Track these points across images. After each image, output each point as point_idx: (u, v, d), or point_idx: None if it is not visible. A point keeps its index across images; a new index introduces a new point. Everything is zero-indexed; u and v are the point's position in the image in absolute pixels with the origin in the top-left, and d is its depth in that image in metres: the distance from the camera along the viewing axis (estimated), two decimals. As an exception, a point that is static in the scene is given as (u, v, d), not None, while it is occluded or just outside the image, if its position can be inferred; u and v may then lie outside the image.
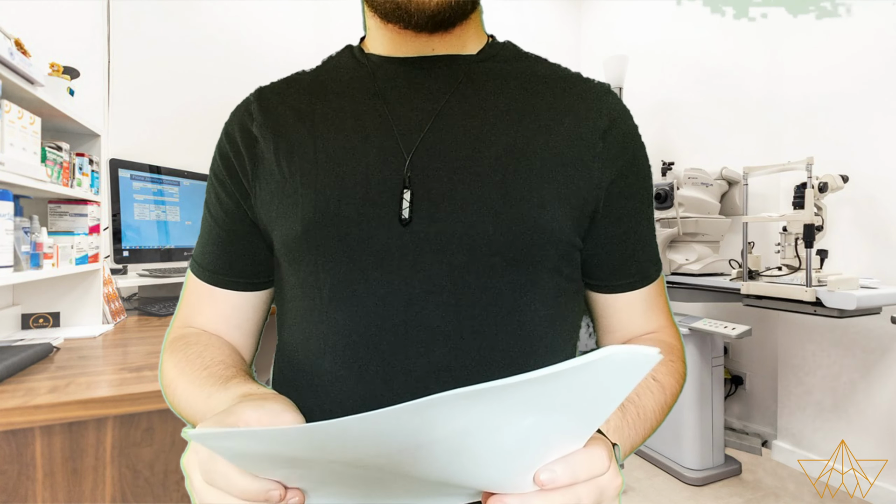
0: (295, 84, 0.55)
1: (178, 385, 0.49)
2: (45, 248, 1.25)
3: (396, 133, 0.48)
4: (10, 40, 1.09)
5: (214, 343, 0.52)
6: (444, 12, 0.46)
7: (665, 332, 0.56)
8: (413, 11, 0.46)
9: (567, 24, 3.60)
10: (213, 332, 0.56)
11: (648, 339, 0.54)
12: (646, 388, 0.48)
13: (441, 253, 0.46)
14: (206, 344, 0.51)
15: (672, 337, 0.56)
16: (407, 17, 0.46)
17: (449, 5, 0.46)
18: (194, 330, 0.55)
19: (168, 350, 0.53)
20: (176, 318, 0.58)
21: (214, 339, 0.53)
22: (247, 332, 0.57)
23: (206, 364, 0.48)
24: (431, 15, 0.46)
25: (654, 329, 0.55)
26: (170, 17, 2.35)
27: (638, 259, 0.54)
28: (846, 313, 1.74)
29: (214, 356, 0.49)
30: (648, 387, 0.48)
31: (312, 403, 0.49)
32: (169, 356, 0.52)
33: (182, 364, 0.49)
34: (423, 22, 0.47)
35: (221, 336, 0.56)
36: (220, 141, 0.54)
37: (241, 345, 0.57)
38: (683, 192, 2.41)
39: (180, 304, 0.58)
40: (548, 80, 0.52)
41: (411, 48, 0.51)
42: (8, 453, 0.88)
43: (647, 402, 0.47)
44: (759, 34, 2.52)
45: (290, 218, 0.48)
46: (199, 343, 0.51)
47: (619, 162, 0.51)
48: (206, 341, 0.52)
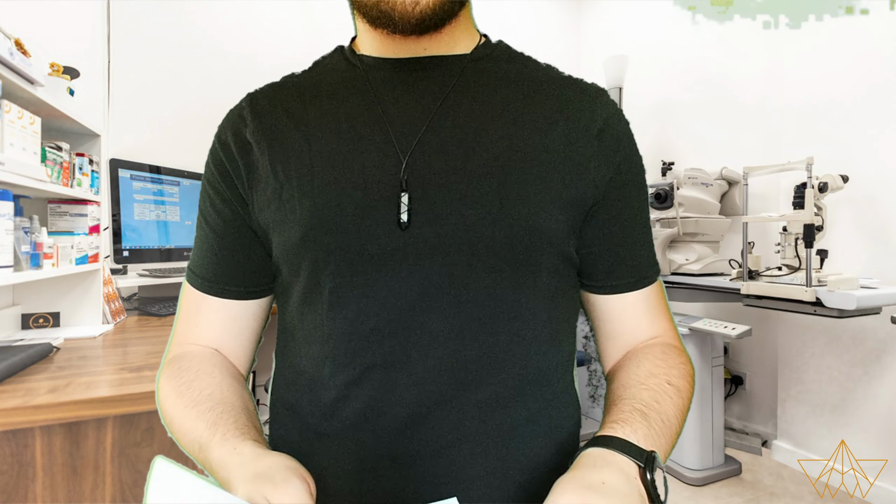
0: (286, 88, 0.54)
1: (173, 420, 0.49)
2: (45, 248, 1.25)
3: (392, 135, 0.48)
4: (10, 40, 1.09)
5: (206, 369, 0.51)
6: (429, 18, 0.46)
7: (668, 336, 0.55)
8: (397, 19, 0.46)
9: (567, 24, 3.60)
10: (209, 347, 0.55)
11: (653, 345, 0.53)
12: (664, 393, 0.47)
13: (440, 255, 0.46)
14: (197, 370, 0.50)
15: (676, 340, 0.55)
16: (392, 23, 0.46)
17: (433, 11, 0.46)
18: (190, 349, 0.54)
19: (165, 373, 0.52)
20: (174, 333, 0.57)
21: (207, 364, 0.52)
22: (245, 342, 0.56)
23: (196, 400, 0.47)
24: (417, 21, 0.46)
25: (657, 333, 0.55)
26: (169, 17, 2.35)
27: (635, 258, 0.54)
28: (846, 313, 1.74)
29: (203, 388, 0.48)
30: (666, 392, 0.47)
31: (313, 407, 0.50)
32: (165, 381, 0.51)
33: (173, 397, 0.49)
34: (408, 28, 0.47)
35: (219, 348, 0.55)
36: (213, 148, 0.54)
37: (239, 354, 0.56)
38: (683, 192, 2.41)
39: (177, 318, 0.57)
40: (542, 81, 0.52)
41: (402, 50, 0.51)
42: (8, 453, 0.88)
43: (668, 407, 0.46)
44: (760, 34, 2.52)
45: (288, 224, 0.48)
46: (190, 370, 0.51)
47: (614, 162, 0.51)
48: (199, 366, 0.51)
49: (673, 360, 0.51)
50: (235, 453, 0.41)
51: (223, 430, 0.44)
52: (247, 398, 0.51)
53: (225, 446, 0.42)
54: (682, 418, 0.48)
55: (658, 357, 0.51)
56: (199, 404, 0.47)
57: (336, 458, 0.48)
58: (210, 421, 0.45)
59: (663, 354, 0.51)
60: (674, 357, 0.51)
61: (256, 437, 0.45)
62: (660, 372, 0.49)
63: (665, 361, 0.50)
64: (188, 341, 0.55)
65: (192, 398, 0.47)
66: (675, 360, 0.51)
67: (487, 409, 0.47)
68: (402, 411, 0.46)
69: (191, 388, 0.48)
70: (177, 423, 0.48)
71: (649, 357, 0.51)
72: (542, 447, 0.49)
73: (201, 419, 0.45)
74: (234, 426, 0.44)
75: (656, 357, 0.51)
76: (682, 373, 0.50)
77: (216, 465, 0.42)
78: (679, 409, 0.47)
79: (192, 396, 0.48)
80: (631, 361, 0.52)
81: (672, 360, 0.51)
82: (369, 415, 0.47)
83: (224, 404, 0.47)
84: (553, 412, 0.51)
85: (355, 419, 0.47)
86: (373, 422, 0.47)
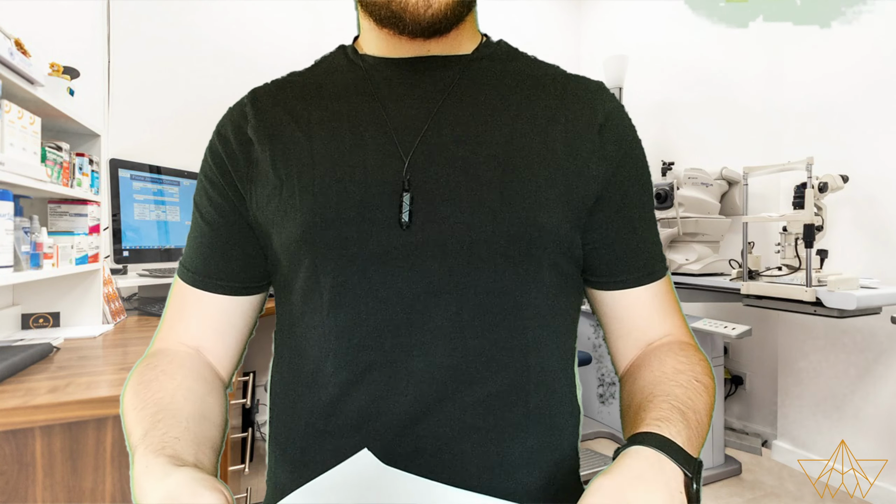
0: (289, 86, 0.54)
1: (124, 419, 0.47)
2: (45, 248, 1.25)
3: (393, 134, 0.48)
4: (10, 40, 1.09)
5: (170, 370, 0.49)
6: (440, 22, 0.46)
7: (681, 333, 0.54)
8: (408, 21, 0.46)
9: (567, 24, 3.60)
10: (190, 346, 0.53)
11: (670, 343, 0.52)
12: (695, 391, 0.46)
13: (441, 254, 0.46)
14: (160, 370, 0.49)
15: (689, 337, 0.54)
16: (401, 25, 0.46)
17: (444, 15, 0.46)
18: (168, 346, 0.53)
19: (136, 369, 0.51)
20: (158, 329, 0.56)
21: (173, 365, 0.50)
22: (230, 341, 0.55)
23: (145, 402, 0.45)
24: (427, 25, 0.46)
25: (669, 331, 0.54)
26: (169, 17, 2.35)
27: (641, 253, 0.53)
28: (846, 313, 1.74)
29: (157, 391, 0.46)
30: (696, 390, 0.46)
31: (313, 405, 0.50)
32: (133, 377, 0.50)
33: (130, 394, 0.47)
34: (417, 30, 0.47)
35: (201, 347, 0.53)
36: (212, 142, 0.53)
37: (221, 354, 0.54)
38: (683, 192, 2.41)
39: (164, 314, 0.56)
40: (542, 78, 0.53)
41: (406, 50, 0.51)
42: (8, 453, 0.88)
43: (699, 405, 0.45)
44: (760, 35, 2.52)
45: (289, 221, 0.48)
46: (155, 368, 0.49)
47: (616, 157, 0.51)
48: (165, 367, 0.49)
49: (693, 356, 0.50)
50: (147, 471, 0.38)
51: (148, 441, 0.41)
52: (210, 403, 0.49)
53: (141, 461, 0.39)
54: (711, 413, 0.47)
55: (679, 354, 0.50)
56: (145, 407, 0.45)
57: (337, 456, 0.48)
58: (144, 428, 0.42)
59: (683, 352, 0.50)
60: (693, 354, 0.51)
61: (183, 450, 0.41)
62: (685, 368, 0.48)
63: (687, 358, 0.49)
64: (170, 338, 0.54)
65: (142, 399, 0.46)
66: (694, 357, 0.50)
67: (488, 407, 0.47)
68: (402, 409, 0.46)
69: (147, 389, 0.47)
70: (126, 423, 0.46)
71: (670, 355, 0.50)
72: (543, 444, 0.49)
73: (140, 424, 0.43)
74: (161, 438, 0.41)
75: (677, 354, 0.50)
76: (705, 369, 0.50)
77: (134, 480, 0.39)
78: (708, 406, 0.46)
79: (143, 397, 0.46)
80: (653, 359, 0.51)
81: (693, 357, 0.50)
82: (370, 413, 0.47)
83: (167, 411, 0.44)
84: (553, 410, 0.51)
85: (356, 417, 0.47)
86: (374, 420, 0.47)
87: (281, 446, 0.53)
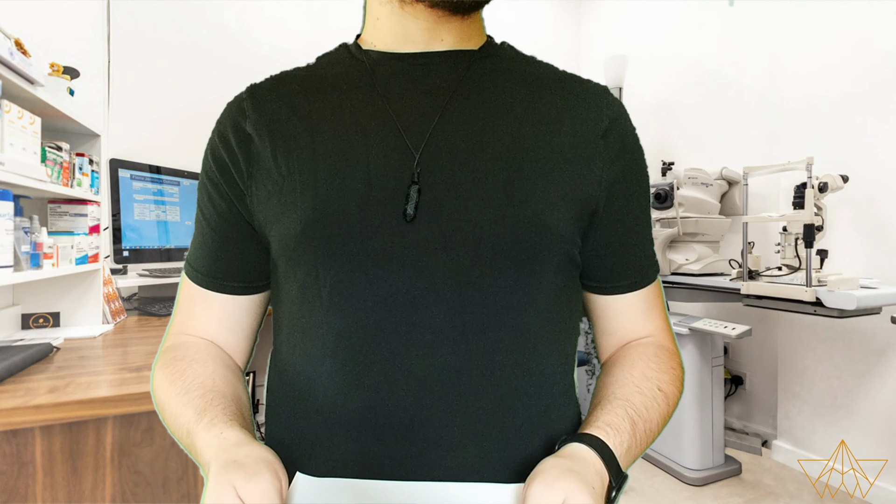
0: (289, 80, 0.53)
1: (165, 407, 0.49)
2: (45, 248, 1.25)
3: (400, 129, 0.48)
4: (10, 40, 1.09)
5: (200, 358, 0.51)
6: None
7: (662, 336, 0.56)
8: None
9: (567, 24, 3.60)
10: (206, 338, 0.55)
11: (647, 345, 0.54)
12: (653, 400, 0.49)
13: (444, 252, 0.45)
14: (191, 360, 0.51)
15: (669, 341, 0.56)
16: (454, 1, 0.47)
17: None
18: (187, 339, 0.55)
19: (160, 362, 0.53)
20: (172, 322, 0.57)
21: (201, 354, 0.52)
22: (241, 336, 0.57)
23: (187, 388, 0.48)
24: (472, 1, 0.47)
25: (651, 332, 0.56)
26: (170, 17, 2.35)
27: (637, 260, 0.54)
28: (846, 313, 1.74)
29: (196, 377, 0.49)
30: (656, 399, 0.49)
31: (312, 407, 0.49)
32: (160, 369, 0.52)
33: (166, 384, 0.50)
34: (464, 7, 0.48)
35: (215, 341, 0.55)
36: (212, 141, 0.53)
37: (235, 348, 0.56)
38: (683, 192, 2.41)
39: (176, 307, 0.58)
40: (548, 79, 0.53)
41: (419, 38, 0.51)
42: (8, 453, 0.88)
43: (654, 415, 0.48)
44: (760, 34, 2.52)
45: (290, 216, 0.47)
46: (184, 359, 0.51)
47: (620, 162, 0.51)
48: (193, 356, 0.52)
49: (665, 364, 0.52)
50: (221, 437, 0.42)
51: (211, 416, 0.44)
52: (240, 389, 0.51)
53: (212, 430, 0.42)
54: (663, 425, 0.50)
55: (651, 360, 0.52)
56: (189, 392, 0.47)
57: (336, 458, 0.48)
58: (199, 408, 0.45)
59: (656, 357, 0.53)
60: (666, 361, 0.53)
61: (245, 425, 0.45)
62: (652, 376, 0.51)
63: (658, 365, 0.52)
64: (185, 331, 0.56)
65: (183, 386, 0.48)
66: (667, 364, 0.52)
67: (489, 408, 0.47)
68: (402, 410, 0.46)
69: (183, 377, 0.49)
70: (168, 410, 0.48)
71: (643, 358, 0.52)
72: (543, 446, 0.49)
73: (191, 406, 0.46)
74: (223, 413, 0.45)
75: (649, 359, 0.52)
76: (673, 378, 0.52)
77: (200, 448, 0.42)
78: (663, 417, 0.50)
79: (183, 384, 0.48)
80: (626, 359, 0.53)
81: (664, 365, 0.52)
82: (370, 414, 0.46)
83: (215, 392, 0.47)
84: (554, 412, 0.51)
85: (355, 418, 0.47)
86: (373, 420, 0.46)
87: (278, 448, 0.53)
